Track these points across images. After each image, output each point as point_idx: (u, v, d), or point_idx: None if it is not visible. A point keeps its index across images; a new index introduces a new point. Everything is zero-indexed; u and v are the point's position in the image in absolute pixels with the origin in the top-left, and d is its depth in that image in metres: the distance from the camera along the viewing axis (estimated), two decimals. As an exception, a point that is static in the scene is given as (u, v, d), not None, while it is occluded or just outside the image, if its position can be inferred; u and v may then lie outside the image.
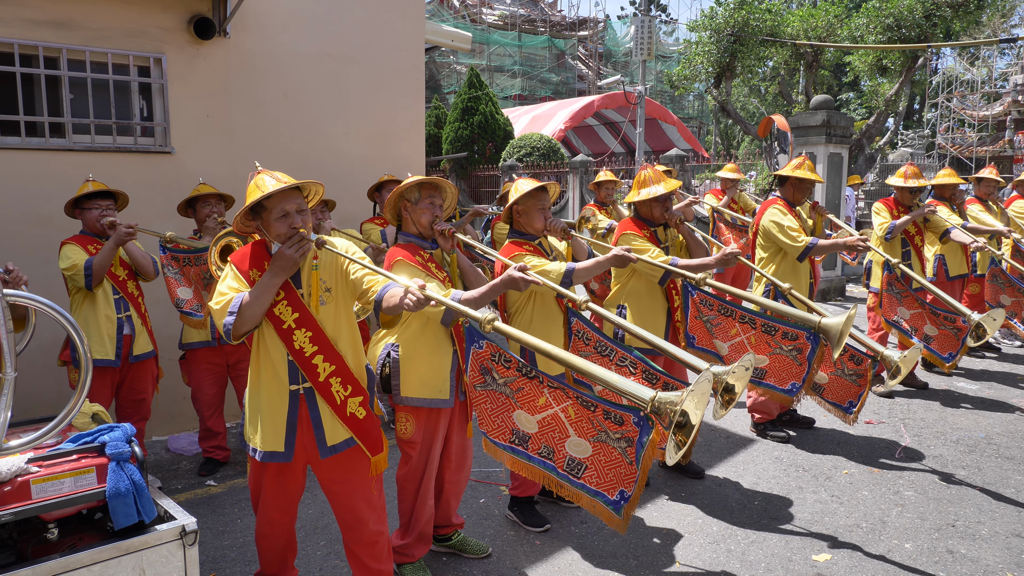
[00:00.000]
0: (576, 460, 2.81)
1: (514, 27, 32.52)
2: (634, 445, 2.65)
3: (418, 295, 2.50)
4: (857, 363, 4.45)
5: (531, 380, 2.89)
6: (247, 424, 2.86)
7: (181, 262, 4.44)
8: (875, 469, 4.71)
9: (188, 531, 2.37)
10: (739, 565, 3.56)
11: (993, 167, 7.53)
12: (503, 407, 2.95)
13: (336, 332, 2.78)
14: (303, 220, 2.70)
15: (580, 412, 2.78)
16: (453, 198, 3.43)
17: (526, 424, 2.91)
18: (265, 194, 2.65)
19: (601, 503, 2.74)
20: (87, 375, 2.06)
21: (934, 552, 3.68)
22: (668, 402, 2.41)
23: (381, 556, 2.97)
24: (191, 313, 4.40)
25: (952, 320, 5.33)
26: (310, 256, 2.75)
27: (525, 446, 2.92)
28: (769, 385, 4.15)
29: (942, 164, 23.48)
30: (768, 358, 4.13)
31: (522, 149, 18.17)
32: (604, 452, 2.73)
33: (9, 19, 4.57)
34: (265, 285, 2.64)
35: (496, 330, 2.63)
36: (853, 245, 4.80)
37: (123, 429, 2.37)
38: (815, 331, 3.96)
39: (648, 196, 4.18)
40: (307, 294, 2.75)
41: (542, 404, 2.87)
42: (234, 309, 2.61)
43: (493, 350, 2.92)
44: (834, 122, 10.81)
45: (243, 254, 2.81)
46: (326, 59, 5.89)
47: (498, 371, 2.93)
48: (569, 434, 2.81)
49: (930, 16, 13.07)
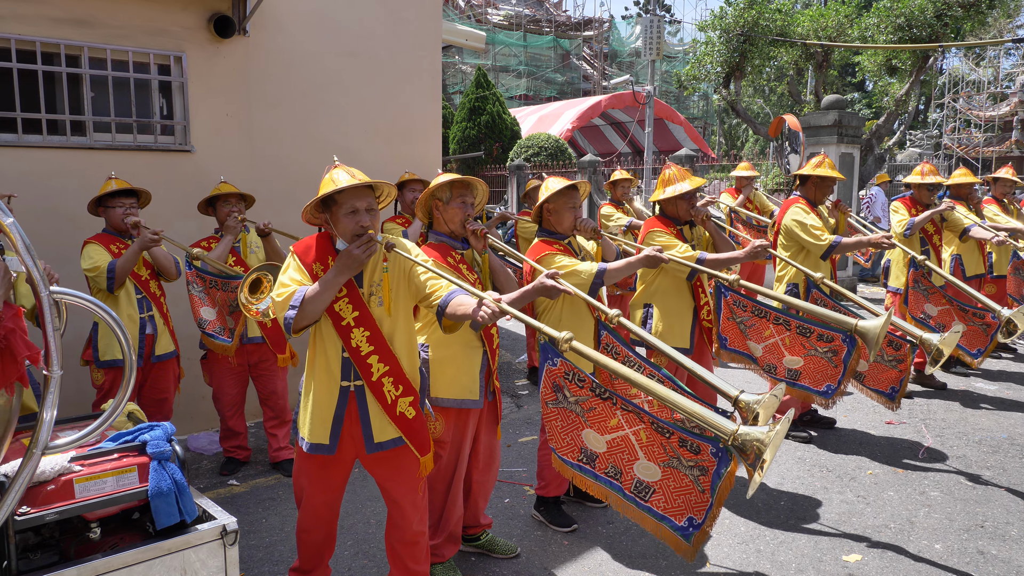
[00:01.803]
0: (644, 483, 2.76)
1: (519, 27, 32.47)
2: (709, 475, 2.59)
3: (493, 308, 2.48)
4: (896, 348, 4.43)
5: (604, 401, 2.85)
6: (300, 413, 2.87)
7: (207, 283, 4.39)
8: (899, 470, 4.68)
9: (229, 530, 2.36)
10: (770, 565, 3.54)
11: (1010, 167, 7.51)
12: (573, 425, 2.92)
13: (392, 333, 2.77)
14: (371, 220, 2.69)
15: (652, 437, 2.73)
16: (484, 196, 3.42)
17: (594, 443, 2.87)
18: (337, 188, 2.63)
19: (668, 528, 2.69)
20: (132, 372, 2.05)
21: (965, 553, 3.66)
22: (755, 439, 2.35)
23: (420, 557, 2.97)
24: (213, 336, 4.35)
25: (981, 316, 5.31)
26: (379, 258, 2.73)
27: (592, 465, 2.88)
28: (804, 387, 4.12)
29: (948, 164, 23.43)
30: (803, 359, 4.10)
31: (529, 149, 18.12)
32: (674, 478, 2.68)
33: (32, 17, 4.56)
34: (328, 282, 2.62)
35: (574, 350, 2.60)
36: (878, 242, 4.78)
37: (163, 428, 2.35)
38: (851, 333, 3.92)
39: (674, 193, 4.16)
40: (367, 293, 2.74)
41: (613, 425, 2.83)
42: (296, 303, 2.59)
43: (567, 368, 2.89)
44: (846, 122, 10.79)
45: (307, 245, 2.79)
46: (345, 58, 5.87)
47: (571, 389, 2.90)
48: (638, 457, 2.77)
49: (941, 16, 13.03)
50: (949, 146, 24.31)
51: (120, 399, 2.03)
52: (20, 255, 1.92)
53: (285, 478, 4.59)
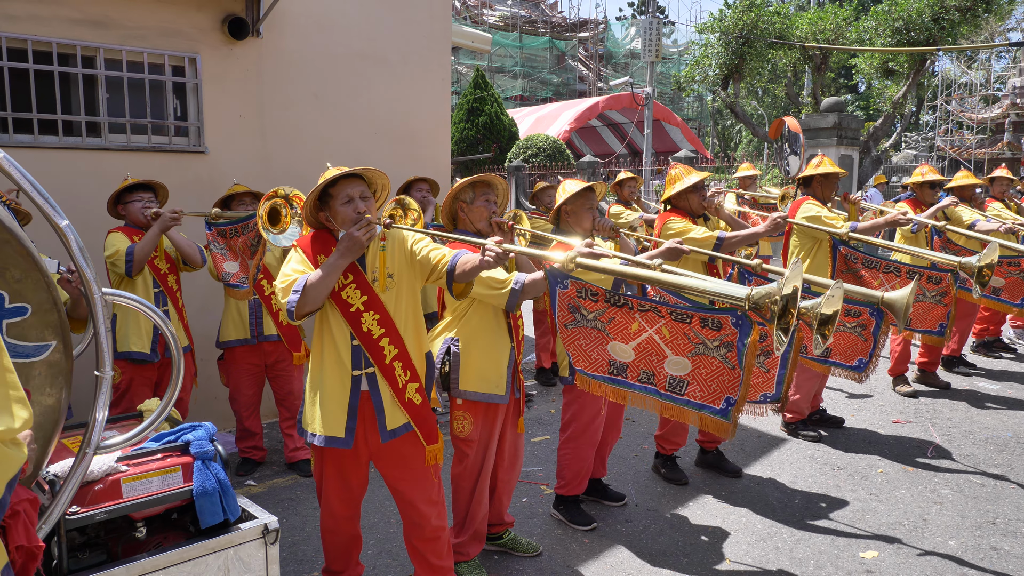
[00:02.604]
0: (677, 378, 2.86)
1: (515, 28, 32.55)
2: (735, 349, 2.71)
3: (495, 249, 2.53)
4: (937, 283, 4.53)
5: (620, 308, 2.92)
6: (306, 409, 2.86)
7: (228, 235, 4.41)
8: (909, 468, 4.74)
9: (271, 529, 2.38)
10: (788, 562, 3.59)
11: (1005, 167, 7.61)
12: (597, 341, 2.98)
13: (398, 316, 2.80)
14: (367, 206, 2.74)
15: (675, 329, 2.81)
16: (505, 193, 3.46)
17: (622, 354, 2.94)
18: (328, 179, 2.69)
19: (708, 414, 2.82)
20: (179, 372, 2.07)
21: (978, 549, 3.71)
22: (765, 295, 2.40)
23: (442, 553, 2.99)
24: (237, 285, 4.38)
25: (1017, 264, 5.38)
26: (377, 239, 2.78)
27: (624, 375, 2.97)
28: (836, 363, 4.21)
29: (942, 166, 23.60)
30: (832, 336, 4.15)
31: (528, 150, 18.18)
32: (704, 364, 2.79)
33: (49, 18, 4.57)
34: (331, 266, 2.66)
35: (580, 265, 2.64)
36: (894, 220, 4.84)
37: (205, 428, 2.38)
38: (878, 306, 3.91)
39: (683, 187, 4.23)
40: (373, 277, 2.77)
41: (635, 330, 2.90)
42: (298, 288, 2.63)
43: (579, 287, 2.97)
44: (845, 124, 10.89)
45: (308, 239, 2.84)
46: (356, 59, 5.90)
47: (586, 307, 2.97)
48: (667, 355, 2.86)
49: (938, 19, 13.16)
50: (942, 148, 24.49)
51: (169, 398, 2.06)
52: (74, 257, 1.96)
53: (302, 478, 4.62)
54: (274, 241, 3.14)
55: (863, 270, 4.45)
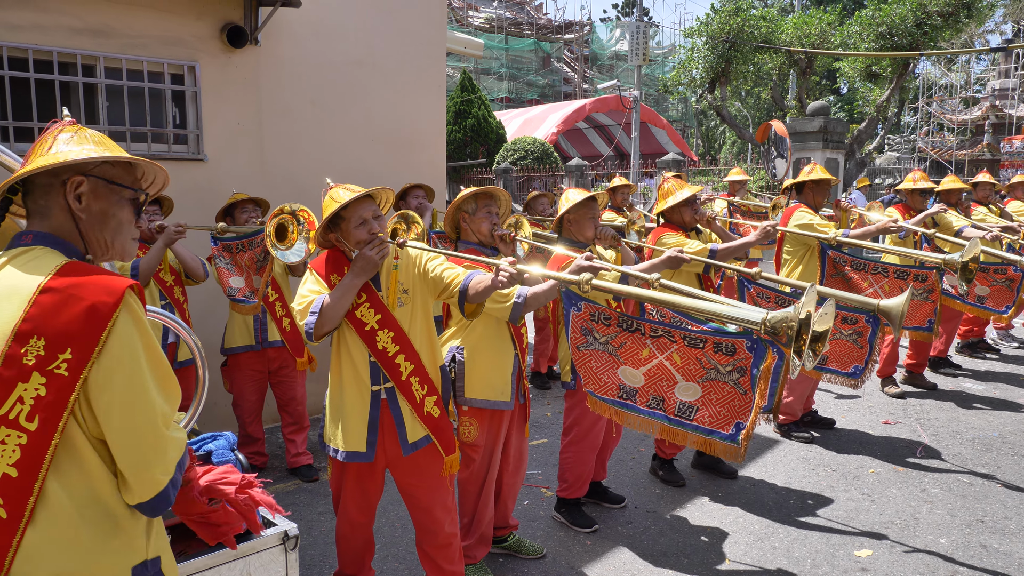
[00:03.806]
0: (687, 404, 2.89)
1: (500, 30, 32.62)
2: (747, 374, 2.73)
3: (510, 270, 2.60)
4: (923, 280, 4.69)
5: (632, 334, 2.97)
6: (328, 425, 2.93)
7: (234, 250, 4.45)
8: (900, 468, 4.86)
9: (290, 536, 2.44)
10: (786, 561, 3.69)
11: (987, 172, 7.79)
12: (607, 365, 3.03)
13: (412, 332, 2.86)
14: (380, 225, 2.80)
15: (687, 354, 2.85)
16: (507, 205, 3.53)
17: (632, 379, 2.98)
18: (342, 204, 2.74)
19: (717, 439, 2.85)
20: (204, 384, 2.13)
21: (968, 547, 3.83)
22: (782, 319, 2.40)
23: (454, 558, 3.06)
24: (243, 300, 4.42)
25: (1003, 271, 5.51)
26: (391, 257, 2.84)
27: (633, 399, 3.00)
28: (832, 370, 4.30)
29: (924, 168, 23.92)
30: (829, 343, 4.24)
31: (516, 152, 18.27)
32: (715, 390, 2.81)
33: (50, 27, 4.59)
34: (346, 286, 2.72)
35: (596, 288, 2.70)
36: (885, 228, 4.97)
37: (226, 438, 2.43)
38: (874, 313, 3.97)
39: (676, 202, 4.32)
40: (386, 296, 2.83)
41: (646, 356, 2.95)
42: (316, 309, 2.69)
43: (592, 310, 3.01)
44: (831, 128, 11.07)
45: (321, 260, 2.89)
46: (353, 67, 5.95)
47: (599, 330, 3.02)
48: (677, 380, 2.90)
49: (921, 25, 13.38)
50: (924, 149, 24.82)
51: (195, 410, 2.11)
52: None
53: (304, 483, 4.66)
54: (282, 257, 3.20)
55: (852, 272, 4.59)
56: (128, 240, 1.67)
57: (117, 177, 1.64)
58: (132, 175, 1.68)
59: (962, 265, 4.28)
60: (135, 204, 1.67)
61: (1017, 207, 7.71)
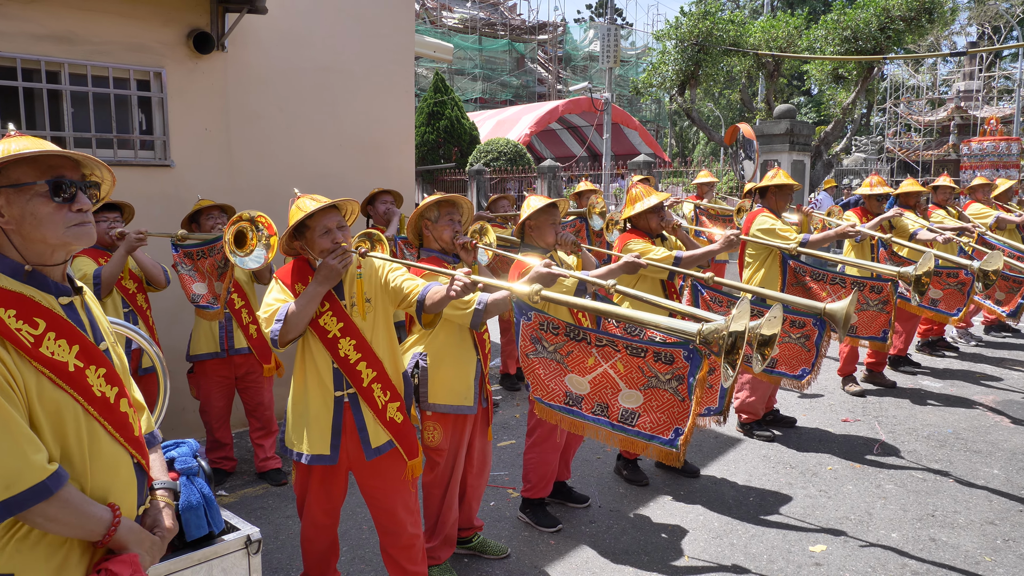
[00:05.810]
0: (629, 410, 3.04)
1: (474, 31, 32.66)
2: (685, 382, 2.89)
3: (464, 280, 2.68)
4: (878, 292, 4.84)
5: (579, 343, 3.10)
6: (290, 431, 2.99)
7: (195, 256, 4.49)
8: (857, 464, 5.01)
9: (253, 540, 2.48)
10: (743, 557, 3.80)
11: (947, 175, 8.00)
12: (555, 372, 3.16)
13: (375, 340, 2.94)
14: (343, 235, 2.87)
15: (629, 363, 3.00)
16: (470, 212, 3.61)
17: (578, 386, 3.12)
18: (307, 213, 2.81)
19: (656, 444, 2.99)
20: (166, 391, 2.17)
21: (918, 540, 3.97)
22: (714, 331, 2.56)
23: (417, 559, 3.12)
24: (207, 306, 4.46)
25: (955, 275, 5.69)
26: (354, 266, 2.91)
27: (579, 406, 3.15)
28: (781, 373, 4.44)
29: (891, 167, 24.38)
30: (778, 347, 4.37)
31: (489, 154, 18.32)
32: (655, 397, 2.97)
33: (12, 33, 4.57)
34: (310, 295, 2.80)
35: (545, 299, 2.78)
36: (844, 232, 5.12)
37: (189, 444, 2.47)
38: (820, 316, 4.10)
39: (643, 208, 4.41)
40: (349, 304, 2.90)
41: (591, 364, 3.09)
42: (280, 317, 2.77)
43: (541, 320, 3.14)
44: (797, 131, 11.27)
45: (287, 270, 2.96)
46: (321, 73, 5.98)
47: (547, 339, 3.14)
48: (620, 388, 3.05)
49: (884, 29, 13.66)
50: (891, 150, 25.29)
51: (158, 414, 2.15)
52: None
53: (273, 487, 4.70)
54: (240, 264, 3.23)
55: (811, 282, 4.75)
56: (62, 229, 1.67)
57: (21, 178, 1.65)
58: (37, 168, 1.67)
59: (915, 279, 4.44)
60: (56, 191, 1.66)
61: (977, 209, 7.91)
